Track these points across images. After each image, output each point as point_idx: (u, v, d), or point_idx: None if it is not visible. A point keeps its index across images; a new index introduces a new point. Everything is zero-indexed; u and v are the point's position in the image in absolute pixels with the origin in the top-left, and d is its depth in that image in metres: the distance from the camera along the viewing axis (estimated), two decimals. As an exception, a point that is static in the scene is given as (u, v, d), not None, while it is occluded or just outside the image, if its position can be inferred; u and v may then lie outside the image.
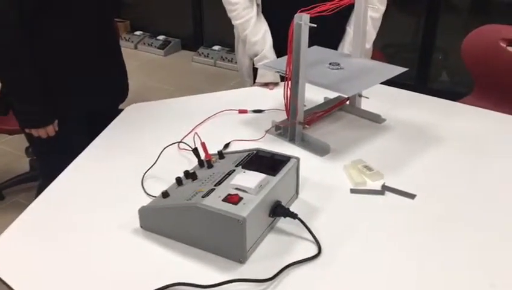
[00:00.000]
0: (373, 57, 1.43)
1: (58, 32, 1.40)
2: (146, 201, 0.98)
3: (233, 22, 1.66)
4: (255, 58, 1.65)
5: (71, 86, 1.47)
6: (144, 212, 0.96)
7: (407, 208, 1.04)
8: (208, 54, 4.15)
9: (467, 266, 0.88)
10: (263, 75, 1.64)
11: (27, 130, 1.46)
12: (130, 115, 1.46)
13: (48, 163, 1.40)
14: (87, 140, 1.29)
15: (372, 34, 1.65)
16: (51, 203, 1.06)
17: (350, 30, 1.65)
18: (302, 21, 1.14)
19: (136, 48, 4.46)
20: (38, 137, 1.46)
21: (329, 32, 1.25)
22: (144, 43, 4.46)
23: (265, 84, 1.65)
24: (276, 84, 1.64)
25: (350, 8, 1.35)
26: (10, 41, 1.32)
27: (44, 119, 1.44)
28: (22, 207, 1.03)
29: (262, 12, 1.64)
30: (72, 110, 1.50)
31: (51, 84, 1.43)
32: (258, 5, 1.63)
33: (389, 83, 1.53)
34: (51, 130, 1.45)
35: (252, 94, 1.60)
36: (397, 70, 1.30)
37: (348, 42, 1.65)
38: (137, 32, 4.60)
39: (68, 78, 1.46)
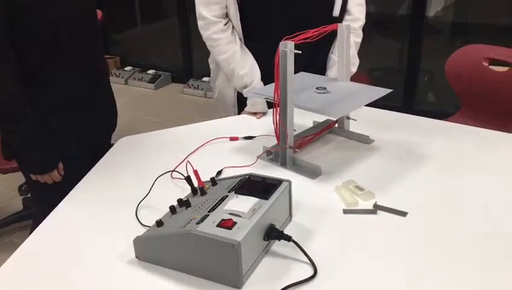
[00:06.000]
0: (359, 81, 1.46)
1: (59, 80, 1.42)
2: (141, 231, 0.99)
3: (217, 58, 1.66)
4: (244, 90, 1.66)
5: (71, 126, 1.47)
6: (138, 243, 0.96)
7: (399, 225, 1.05)
8: (198, 85, 4.21)
9: (463, 282, 0.89)
10: (254, 104, 1.66)
11: (33, 177, 1.44)
12: (122, 147, 1.47)
13: (44, 200, 1.37)
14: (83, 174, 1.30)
15: (356, 58, 1.70)
16: (44, 240, 1.06)
17: (335, 57, 1.68)
18: (288, 48, 1.18)
19: (126, 83, 4.51)
20: (43, 185, 1.44)
21: (311, 59, 1.28)
22: (134, 78, 4.51)
23: (254, 113, 1.67)
24: (264, 113, 1.66)
25: (332, 34, 1.39)
26: (11, 98, 1.31)
27: (49, 166, 1.42)
28: (16, 246, 1.03)
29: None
30: (74, 149, 1.48)
31: (52, 128, 1.42)
32: (240, 39, 1.65)
33: (377, 106, 1.56)
34: (55, 175, 1.43)
35: (243, 121, 1.62)
36: (382, 91, 1.33)
37: (334, 69, 1.69)
38: (127, 68, 4.66)
39: (67, 119, 1.46)
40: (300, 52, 1.18)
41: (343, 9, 1.66)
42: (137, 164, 1.36)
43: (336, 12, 1.64)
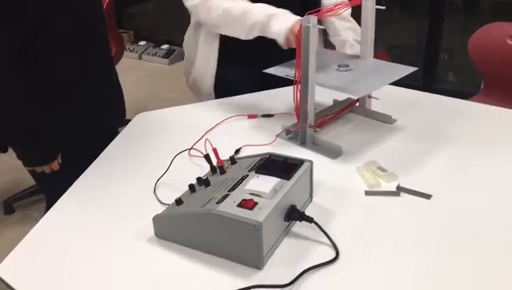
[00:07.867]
0: (381, 58, 1.42)
1: (61, 66, 1.33)
2: (160, 209, 0.98)
3: (222, 6, 1.48)
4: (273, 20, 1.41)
5: (74, 118, 1.39)
6: (158, 221, 0.95)
7: (423, 208, 1.02)
8: (212, 61, 4.16)
9: (487, 266, 0.87)
10: None
11: (30, 169, 1.38)
12: (139, 124, 1.46)
13: (54, 197, 1.30)
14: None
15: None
16: (63, 216, 1.05)
17: (343, 37, 1.65)
18: (310, 23, 1.13)
19: (140, 58, 4.49)
20: (41, 172, 1.38)
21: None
22: (148, 53, 4.48)
23: None
24: None
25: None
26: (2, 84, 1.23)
27: (47, 158, 1.36)
28: (32, 219, 1.03)
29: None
30: (77, 141, 1.40)
31: (54, 119, 1.35)
32: None
33: (396, 84, 1.51)
34: (55, 165, 1.37)
35: (261, 99, 1.59)
36: (407, 70, 1.29)
37: (348, 47, 1.64)
38: (142, 42, 4.63)
39: (70, 111, 1.38)
40: (323, 27, 1.14)
41: None
42: (155, 140, 1.34)
43: None
